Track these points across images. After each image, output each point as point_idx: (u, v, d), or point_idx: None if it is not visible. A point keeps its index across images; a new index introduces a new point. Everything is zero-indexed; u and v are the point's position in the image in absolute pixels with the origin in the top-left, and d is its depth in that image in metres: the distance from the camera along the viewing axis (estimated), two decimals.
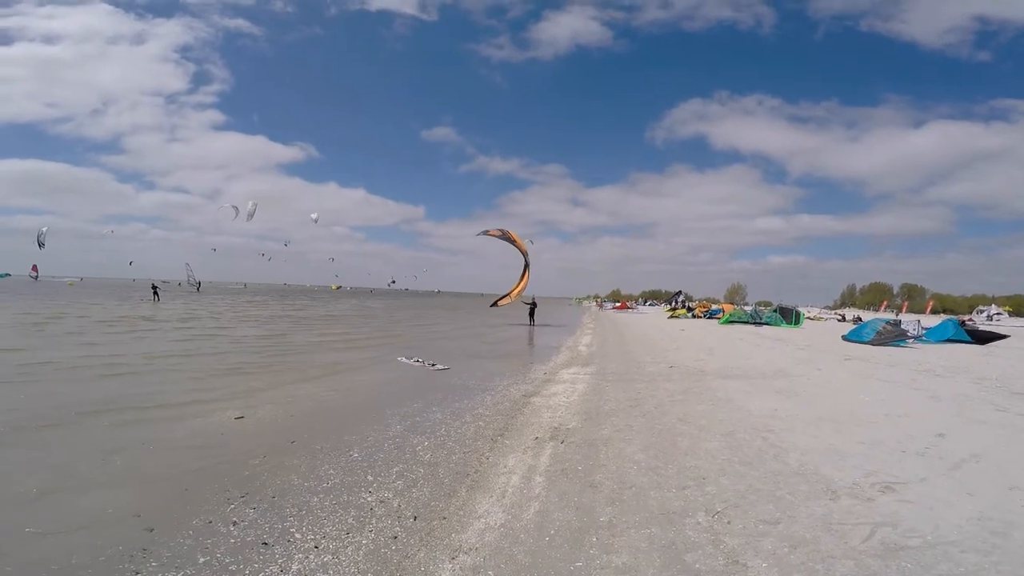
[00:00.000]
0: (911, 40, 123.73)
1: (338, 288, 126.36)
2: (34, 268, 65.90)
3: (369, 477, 4.55)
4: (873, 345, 16.82)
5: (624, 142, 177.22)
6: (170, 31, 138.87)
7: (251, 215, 32.18)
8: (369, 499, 4.06)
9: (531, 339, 20.24)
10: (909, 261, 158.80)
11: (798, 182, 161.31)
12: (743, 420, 6.28)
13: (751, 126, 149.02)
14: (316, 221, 33.16)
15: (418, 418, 6.71)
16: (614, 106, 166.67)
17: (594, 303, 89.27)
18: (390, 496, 4.13)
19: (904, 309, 69.20)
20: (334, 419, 6.56)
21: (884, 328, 17.74)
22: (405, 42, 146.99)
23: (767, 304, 42.48)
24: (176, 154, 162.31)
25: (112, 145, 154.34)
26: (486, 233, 17.08)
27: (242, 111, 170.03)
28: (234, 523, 3.55)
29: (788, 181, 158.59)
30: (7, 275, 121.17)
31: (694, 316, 38.04)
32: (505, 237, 16.51)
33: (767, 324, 28.17)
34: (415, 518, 3.73)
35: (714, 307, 43.72)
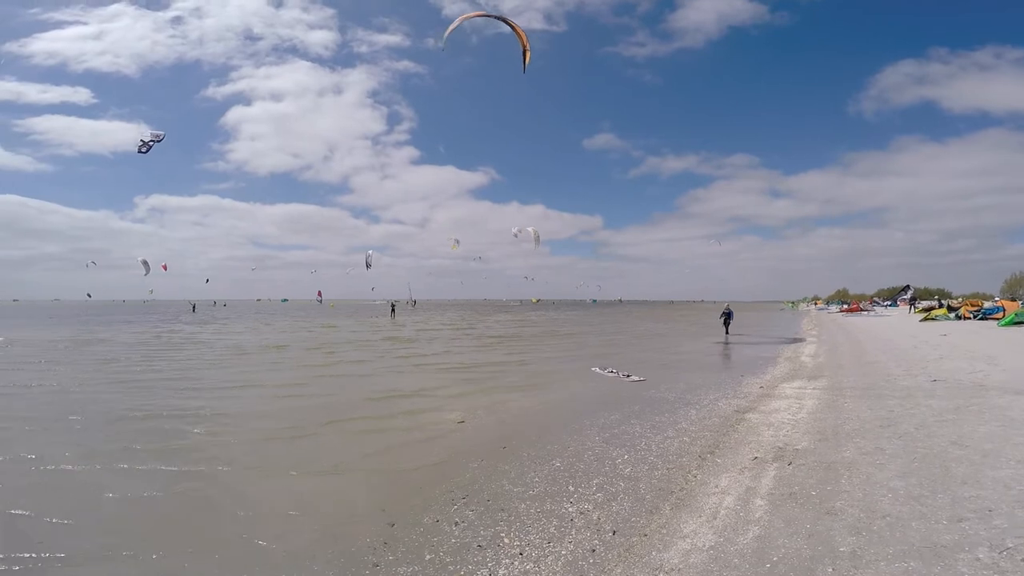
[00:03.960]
0: None
1: (537, 301, 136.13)
2: (319, 293, 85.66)
3: (570, 487, 4.63)
4: None
5: (823, 120, 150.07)
6: (358, 79, 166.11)
7: (537, 242, 35.73)
8: (570, 510, 4.13)
9: (736, 350, 18.30)
10: None
11: None
12: None
13: (995, 83, 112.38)
14: (537, 240, 34.99)
15: (616, 430, 6.63)
16: (797, 83, 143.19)
17: (813, 306, 76.84)
18: (590, 508, 4.14)
19: None
20: (538, 427, 6.90)
21: None
22: (545, 57, 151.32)
23: None
24: (389, 189, 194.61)
25: (343, 186, 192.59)
26: (446, 38, 12.99)
27: (430, 145, 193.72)
28: (456, 523, 3.95)
29: None
30: (286, 300, 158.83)
31: (958, 317, 29.63)
32: (467, 18, 12.67)
33: None
34: (614, 532, 3.67)
35: (988, 305, 33.28)
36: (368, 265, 44.23)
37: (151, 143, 14.80)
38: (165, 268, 48.03)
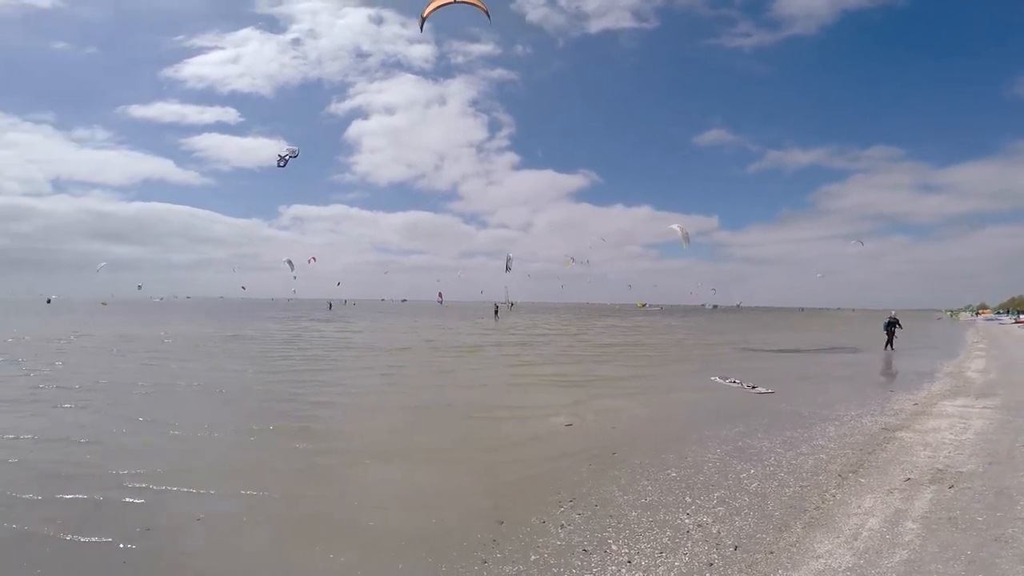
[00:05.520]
0: None
1: (643, 305, 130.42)
2: (439, 295, 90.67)
3: (687, 499, 4.39)
4: None
5: (976, 106, 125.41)
6: (458, 89, 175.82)
7: (686, 240, 34.42)
8: (686, 521, 3.91)
9: (887, 363, 15.95)
10: None
11: None
12: None
13: None
14: (686, 239, 32.75)
15: (740, 443, 6.16)
16: (936, 67, 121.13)
17: (977, 315, 65.51)
18: (709, 521, 3.89)
19: None
20: (651, 435, 6.64)
21: None
22: (638, 55, 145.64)
23: None
24: (493, 195, 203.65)
25: (453, 194, 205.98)
26: (424, 19, 12.64)
27: (529, 149, 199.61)
28: (562, 526, 3.92)
29: None
30: (405, 300, 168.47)
31: None
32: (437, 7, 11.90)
33: None
34: (735, 548, 3.40)
35: None
36: (508, 268, 46.85)
37: (288, 157, 16.44)
38: (314, 259, 53.02)
